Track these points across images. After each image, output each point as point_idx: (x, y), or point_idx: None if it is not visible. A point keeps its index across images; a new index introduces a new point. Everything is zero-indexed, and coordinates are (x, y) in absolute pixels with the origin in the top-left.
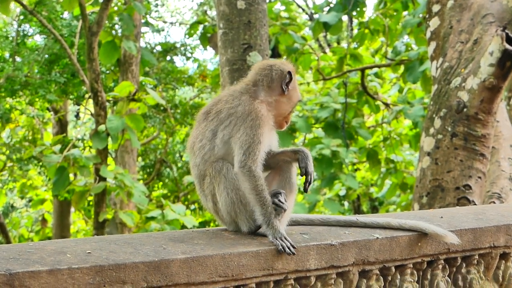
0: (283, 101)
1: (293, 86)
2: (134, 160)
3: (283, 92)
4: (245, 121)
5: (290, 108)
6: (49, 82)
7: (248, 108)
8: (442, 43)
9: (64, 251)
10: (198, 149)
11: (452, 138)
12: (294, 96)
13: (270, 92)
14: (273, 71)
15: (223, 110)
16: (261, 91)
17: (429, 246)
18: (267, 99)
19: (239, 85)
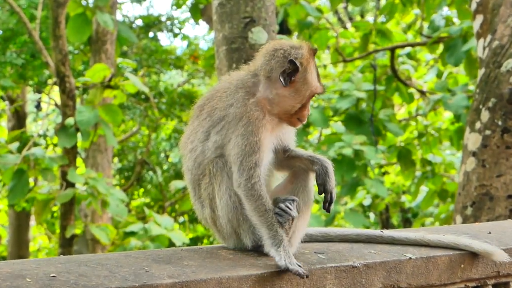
0: (287, 96)
1: (303, 76)
2: (109, 161)
3: (284, 85)
4: (237, 127)
5: (298, 103)
6: (3, 64)
7: (239, 111)
8: (491, 16)
9: (23, 274)
10: (189, 152)
11: (503, 134)
12: (303, 89)
13: (270, 85)
14: (275, 58)
15: (216, 110)
16: (260, 84)
17: (474, 268)
18: (267, 95)
19: (240, 73)
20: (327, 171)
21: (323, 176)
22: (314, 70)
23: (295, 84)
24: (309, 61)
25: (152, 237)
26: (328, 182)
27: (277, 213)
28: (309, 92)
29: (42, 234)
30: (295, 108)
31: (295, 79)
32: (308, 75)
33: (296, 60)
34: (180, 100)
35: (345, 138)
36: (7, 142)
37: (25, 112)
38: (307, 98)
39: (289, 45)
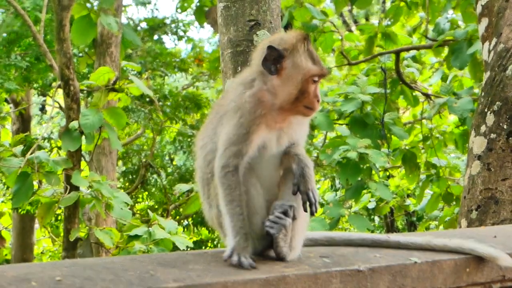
0: (280, 84)
1: (291, 62)
2: (114, 164)
3: (271, 73)
4: (233, 118)
5: (294, 89)
6: (7, 67)
7: (237, 104)
8: (496, 19)
9: (28, 278)
10: (200, 149)
11: (509, 138)
12: (294, 74)
13: (263, 77)
14: (261, 49)
15: (222, 106)
16: (256, 77)
17: (480, 272)
18: (263, 87)
19: (244, 71)
20: (302, 172)
21: (297, 177)
22: (305, 54)
23: (284, 71)
24: (297, 46)
25: (157, 241)
26: (302, 183)
27: (269, 225)
28: (301, 76)
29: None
30: (293, 95)
31: (282, 65)
32: (296, 59)
33: (279, 46)
34: (185, 103)
35: (350, 141)
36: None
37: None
38: (301, 82)
39: (277, 36)
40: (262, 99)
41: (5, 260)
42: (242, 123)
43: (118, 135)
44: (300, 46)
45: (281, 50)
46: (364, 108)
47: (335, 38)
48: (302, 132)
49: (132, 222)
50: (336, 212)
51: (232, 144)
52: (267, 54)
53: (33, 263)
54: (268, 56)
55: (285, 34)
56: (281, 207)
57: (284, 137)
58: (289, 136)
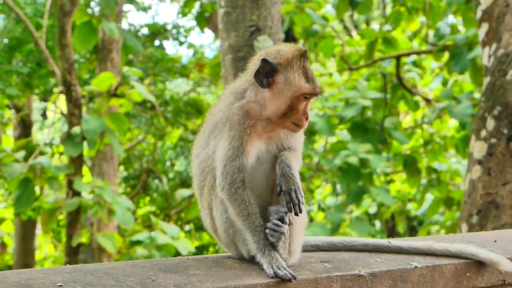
0: (270, 98)
1: (284, 77)
2: (115, 169)
3: (263, 86)
4: (223, 132)
5: (282, 105)
6: (9, 73)
7: (225, 115)
8: (496, 24)
9: (29, 283)
10: (195, 157)
11: (509, 142)
12: (285, 89)
13: (255, 89)
14: (256, 60)
15: (212, 115)
16: (249, 87)
17: (480, 277)
18: (254, 99)
19: (238, 80)
20: (282, 172)
21: (279, 177)
22: (300, 70)
23: (276, 85)
24: (292, 61)
25: (159, 246)
26: (284, 183)
27: (268, 233)
28: (292, 92)
29: (48, 243)
30: (281, 110)
31: (275, 80)
32: (290, 75)
33: (273, 60)
34: (186, 109)
35: (351, 146)
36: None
37: (31, 121)
38: (291, 99)
39: (275, 48)
40: (250, 111)
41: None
42: (233, 136)
43: (119, 141)
44: (295, 62)
45: (275, 64)
46: (365, 113)
47: (336, 43)
48: (295, 138)
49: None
50: (337, 217)
51: (231, 159)
52: (260, 67)
53: (34, 268)
54: (261, 69)
55: (283, 47)
56: (277, 213)
57: (273, 144)
58: (278, 142)
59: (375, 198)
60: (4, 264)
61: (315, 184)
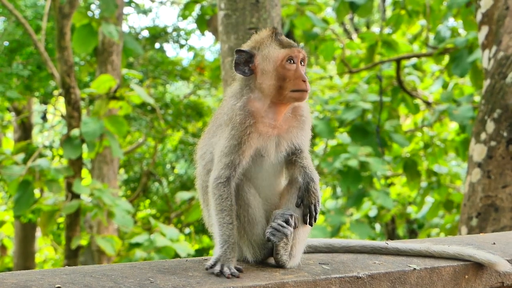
0: (262, 82)
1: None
2: (115, 172)
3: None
4: (225, 131)
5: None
6: (9, 75)
7: (229, 117)
8: (496, 27)
9: (28, 285)
10: (200, 157)
11: (509, 145)
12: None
13: (246, 84)
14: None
15: (217, 118)
16: (243, 87)
17: (479, 279)
18: (251, 94)
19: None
20: (307, 187)
21: (302, 190)
22: (273, 43)
23: (257, 68)
24: (264, 40)
25: (158, 248)
26: (306, 197)
27: (271, 232)
28: (272, 64)
29: (48, 245)
30: (274, 85)
31: (255, 64)
32: (265, 51)
33: (247, 47)
34: (186, 111)
35: (351, 149)
36: (13, 153)
37: (31, 124)
38: (276, 71)
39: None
40: (252, 109)
41: (7, 268)
42: (233, 135)
43: (119, 143)
44: (267, 40)
45: (249, 50)
46: (365, 116)
47: (336, 46)
48: (303, 136)
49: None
50: (337, 219)
51: (224, 155)
52: (236, 58)
53: (33, 270)
54: (237, 60)
55: (255, 35)
56: (282, 216)
57: (283, 142)
58: (288, 141)
59: (375, 201)
60: (4, 266)
61: None
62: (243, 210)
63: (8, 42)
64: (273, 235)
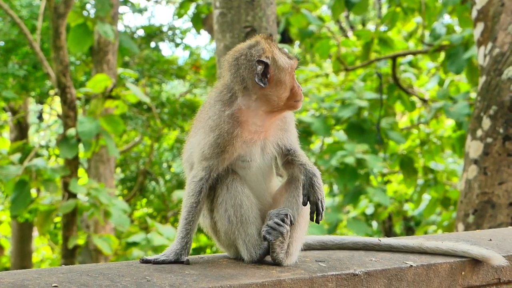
0: (271, 93)
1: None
2: (112, 171)
3: (263, 86)
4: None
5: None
6: (5, 75)
7: (214, 123)
8: (492, 24)
9: (24, 284)
10: (186, 162)
11: (505, 142)
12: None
13: (249, 93)
14: (241, 67)
15: (199, 122)
16: (238, 96)
17: (475, 275)
18: (247, 104)
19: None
20: (311, 182)
21: (307, 187)
22: (281, 54)
23: (272, 78)
24: (273, 50)
25: (155, 247)
26: (312, 193)
27: (266, 231)
28: (288, 75)
29: (45, 245)
30: (286, 95)
31: (270, 74)
32: (279, 62)
33: (261, 57)
34: (182, 110)
35: (347, 147)
36: (9, 153)
37: (27, 123)
38: (290, 81)
39: (247, 46)
40: (241, 118)
41: (5, 268)
42: (218, 143)
43: (115, 143)
44: (273, 49)
45: (266, 60)
46: (361, 114)
47: (332, 44)
48: (289, 137)
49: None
50: (334, 217)
51: (204, 159)
52: (261, 70)
53: (30, 269)
54: (259, 71)
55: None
56: (278, 215)
57: (269, 146)
58: (274, 144)
59: (372, 199)
60: (1, 266)
61: None
62: (235, 210)
63: (4, 42)
64: (269, 234)
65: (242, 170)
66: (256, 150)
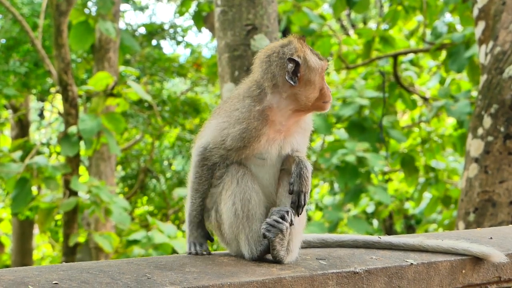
0: (301, 92)
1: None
2: (113, 169)
3: (293, 84)
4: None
5: (316, 92)
6: (6, 73)
7: (243, 116)
8: (493, 23)
9: (25, 281)
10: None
11: (506, 140)
12: (312, 77)
13: (278, 91)
14: (272, 64)
15: (225, 111)
16: (267, 93)
17: (476, 273)
18: (277, 102)
19: (246, 83)
20: (300, 173)
21: (294, 176)
22: (312, 54)
23: (303, 77)
24: (305, 50)
25: (156, 245)
26: (298, 183)
27: (266, 228)
28: (318, 76)
29: (45, 243)
30: (315, 95)
31: (301, 73)
32: (310, 62)
33: (293, 56)
34: (184, 108)
35: (348, 145)
36: (10, 151)
37: (28, 121)
38: (320, 82)
39: (279, 45)
40: (270, 117)
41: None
42: (243, 137)
43: (116, 140)
44: (305, 49)
45: (297, 59)
46: (362, 112)
47: (333, 42)
48: (303, 143)
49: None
50: (335, 215)
51: (224, 148)
52: (292, 68)
53: (30, 266)
54: (290, 69)
55: (284, 41)
56: (278, 212)
57: (286, 146)
58: (290, 145)
59: (373, 197)
60: (2, 264)
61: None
62: (242, 205)
63: (5, 40)
64: (268, 231)
65: (255, 167)
66: (275, 148)
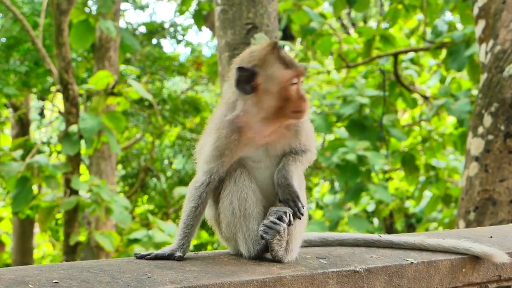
0: (261, 100)
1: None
2: (113, 168)
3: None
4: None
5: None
6: (6, 72)
7: (217, 126)
8: (493, 21)
9: (25, 280)
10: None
11: (506, 139)
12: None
13: (243, 98)
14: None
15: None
16: (238, 98)
17: (476, 272)
18: (244, 108)
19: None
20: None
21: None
22: (277, 62)
23: (260, 86)
24: (266, 57)
25: (156, 244)
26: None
27: (263, 230)
28: (277, 86)
29: (46, 242)
30: (275, 106)
31: (257, 82)
32: (269, 71)
33: (248, 64)
34: (184, 107)
35: (349, 144)
36: (10, 150)
37: (28, 120)
38: (279, 92)
39: (247, 52)
40: (240, 124)
41: (6, 264)
42: (217, 146)
43: (117, 139)
44: (269, 57)
45: (251, 68)
46: (363, 111)
47: (334, 41)
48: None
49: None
50: (335, 214)
51: (205, 162)
52: (238, 76)
53: (31, 265)
54: (239, 78)
55: (254, 48)
56: (276, 213)
57: (276, 147)
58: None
59: (374, 196)
60: (3, 263)
61: (313, 182)
62: (239, 203)
63: (6, 39)
64: (266, 233)
65: (253, 167)
66: (261, 153)
